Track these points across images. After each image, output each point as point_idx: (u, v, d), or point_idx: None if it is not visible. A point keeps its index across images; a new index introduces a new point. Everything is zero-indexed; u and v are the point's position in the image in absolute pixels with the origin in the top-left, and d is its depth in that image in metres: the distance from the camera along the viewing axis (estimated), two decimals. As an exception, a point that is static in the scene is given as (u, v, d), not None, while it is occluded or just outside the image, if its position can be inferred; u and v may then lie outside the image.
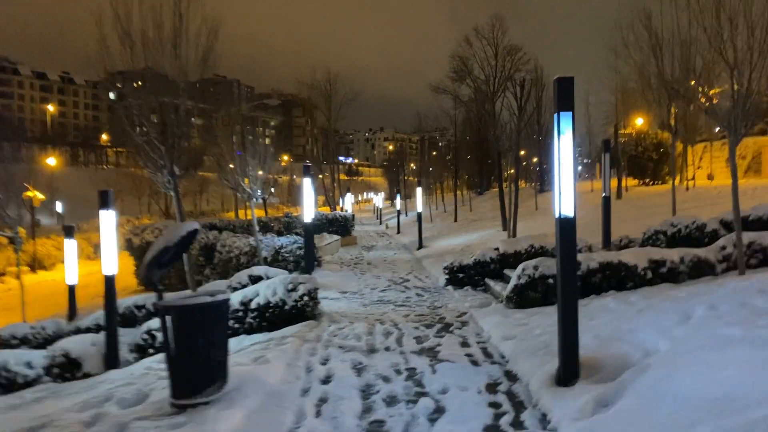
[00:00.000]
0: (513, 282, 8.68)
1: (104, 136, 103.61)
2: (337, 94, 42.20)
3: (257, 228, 13.19)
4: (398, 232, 31.85)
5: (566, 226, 5.00)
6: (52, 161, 48.87)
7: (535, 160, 44.19)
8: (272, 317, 8.29)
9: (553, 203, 5.10)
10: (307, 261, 12.49)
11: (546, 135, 40.36)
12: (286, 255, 14.82)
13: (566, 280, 5.03)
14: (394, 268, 16.29)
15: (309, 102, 47.47)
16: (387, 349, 6.73)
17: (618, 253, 8.91)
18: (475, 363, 6.02)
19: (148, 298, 11.04)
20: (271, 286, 8.46)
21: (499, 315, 8.09)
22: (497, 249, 12.04)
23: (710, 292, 6.47)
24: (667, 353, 4.91)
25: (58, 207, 53.58)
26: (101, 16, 6.97)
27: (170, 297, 5.77)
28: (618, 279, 8.56)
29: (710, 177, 45.01)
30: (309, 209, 12.30)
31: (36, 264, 37.89)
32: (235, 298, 8.46)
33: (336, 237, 22.60)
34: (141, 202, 62.91)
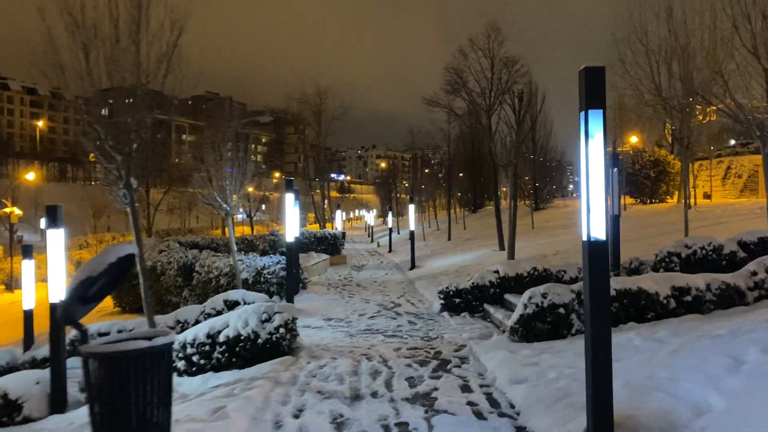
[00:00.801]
0: (518, 311, 7.65)
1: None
2: (327, 108, 41.38)
3: (235, 248, 12.13)
4: (390, 251, 30.82)
5: (597, 251, 4.02)
6: (31, 176, 47.53)
7: (527, 178, 43.37)
8: (244, 352, 7.22)
9: (579, 223, 4.12)
10: (289, 284, 11.42)
11: (542, 152, 39.49)
12: (269, 276, 13.75)
13: (597, 316, 4.02)
14: (385, 290, 15.23)
15: (300, 118, 46.61)
16: (374, 395, 5.67)
17: (637, 279, 7.91)
18: (479, 415, 4.97)
19: (115, 325, 9.93)
20: (243, 317, 7.40)
21: (503, 350, 7.05)
22: (497, 272, 11.03)
23: (757, 329, 5.48)
24: (725, 413, 3.89)
25: (42, 223, 52.10)
26: (45, 3, 5.96)
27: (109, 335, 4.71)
28: (638, 309, 7.56)
29: (707, 196, 44.33)
30: (292, 227, 11.27)
31: (13, 283, 36.47)
32: (201, 330, 7.39)
33: (324, 256, 21.54)
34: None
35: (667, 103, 33.41)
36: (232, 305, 10.49)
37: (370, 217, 57.25)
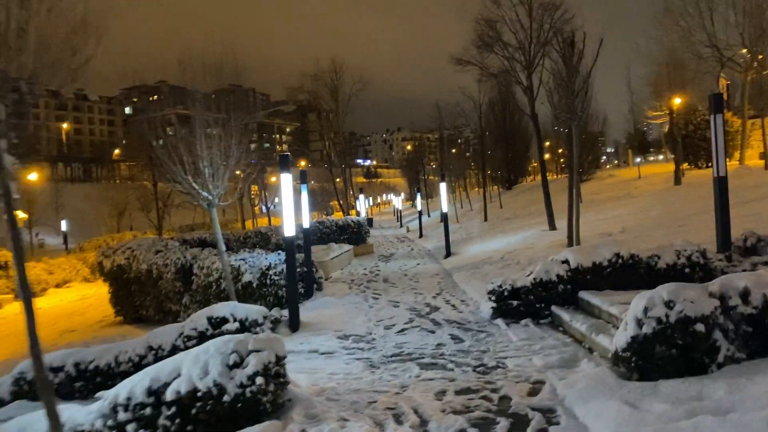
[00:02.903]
0: (629, 331, 4.91)
1: (117, 151, 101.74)
2: (344, 84, 38.51)
3: (223, 246, 9.59)
4: (421, 236, 28.15)
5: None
6: (33, 176, 45.77)
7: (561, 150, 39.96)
8: (204, 415, 4.65)
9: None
10: (292, 292, 8.83)
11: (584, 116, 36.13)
12: (276, 278, 11.18)
13: None
14: (418, 286, 12.56)
15: (317, 99, 43.84)
16: None
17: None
18: None
19: (72, 356, 7.47)
20: (201, 359, 4.81)
21: (613, 399, 4.35)
22: (565, 262, 8.27)
23: None
24: None
25: (63, 225, 50.60)
26: None
27: None
28: None
29: (763, 156, 40.40)
30: (291, 217, 8.65)
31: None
32: (141, 383, 4.83)
33: (347, 247, 18.95)
34: (151, 217, 59.85)
35: (723, 54, 29.84)
36: (218, 323, 8.00)
37: (397, 201, 54.44)
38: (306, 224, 12.51)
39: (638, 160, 51.84)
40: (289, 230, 8.56)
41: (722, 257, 8.06)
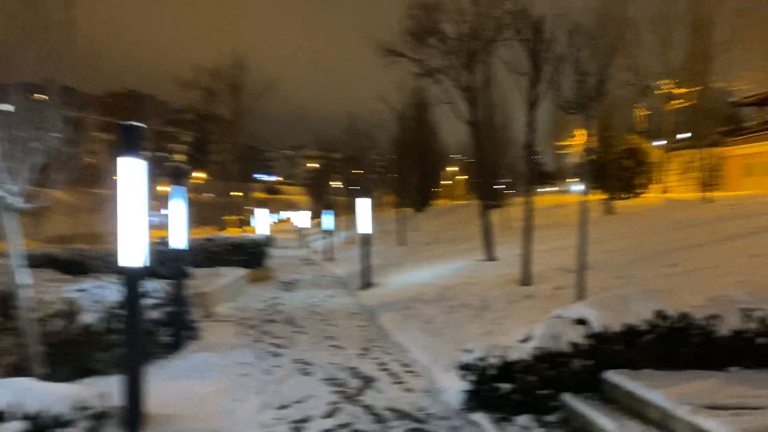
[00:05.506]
0: None
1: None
2: (247, 84, 34.47)
3: (22, 265, 5.84)
4: (330, 259, 24.81)
5: None
6: None
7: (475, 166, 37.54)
8: None
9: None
10: (131, 359, 5.18)
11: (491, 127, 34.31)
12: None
13: None
14: (336, 334, 9.23)
15: (219, 104, 39.57)
16: None
17: None
18: None
19: None
20: None
21: None
22: (582, 322, 5.30)
23: None
24: None
25: None
26: None
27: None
28: None
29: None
30: (133, 234, 5.05)
31: None
32: None
33: (241, 272, 15.24)
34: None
35: (645, 84, 29.01)
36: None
37: (301, 218, 50.68)
38: (179, 242, 8.89)
39: (538, 189, 51.24)
40: (130, 256, 4.96)
41: None
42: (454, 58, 13.92)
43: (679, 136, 33.47)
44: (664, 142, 33.27)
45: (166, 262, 9.60)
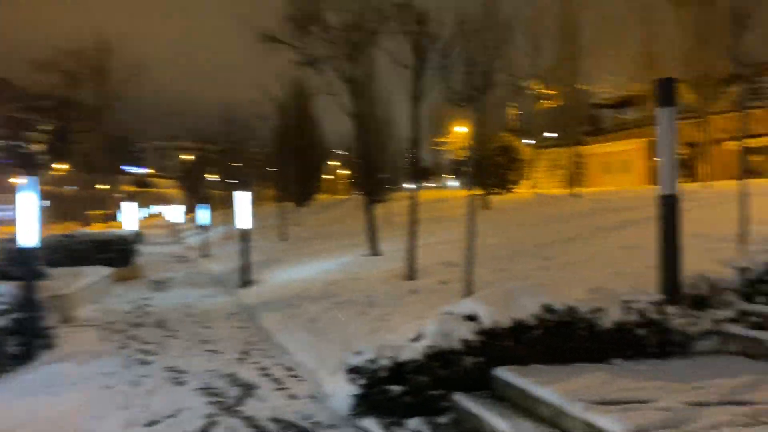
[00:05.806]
0: None
1: None
2: (114, 69, 31.90)
3: None
4: (205, 255, 23.65)
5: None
6: None
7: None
8: None
9: None
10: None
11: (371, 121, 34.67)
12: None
13: None
14: (212, 337, 8.60)
15: (81, 90, 36.32)
16: None
17: None
18: None
19: None
20: None
21: None
22: (472, 318, 5.20)
23: None
24: None
25: None
26: None
27: None
28: None
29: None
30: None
31: None
32: None
33: (105, 271, 13.97)
34: None
35: (517, 84, 30.46)
36: None
37: (175, 212, 48.07)
38: (29, 239, 7.83)
39: (414, 186, 52.42)
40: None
41: (676, 310, 5.65)
42: (337, 48, 13.60)
43: (546, 135, 35.55)
44: (533, 141, 35.12)
45: (17, 262, 8.46)
